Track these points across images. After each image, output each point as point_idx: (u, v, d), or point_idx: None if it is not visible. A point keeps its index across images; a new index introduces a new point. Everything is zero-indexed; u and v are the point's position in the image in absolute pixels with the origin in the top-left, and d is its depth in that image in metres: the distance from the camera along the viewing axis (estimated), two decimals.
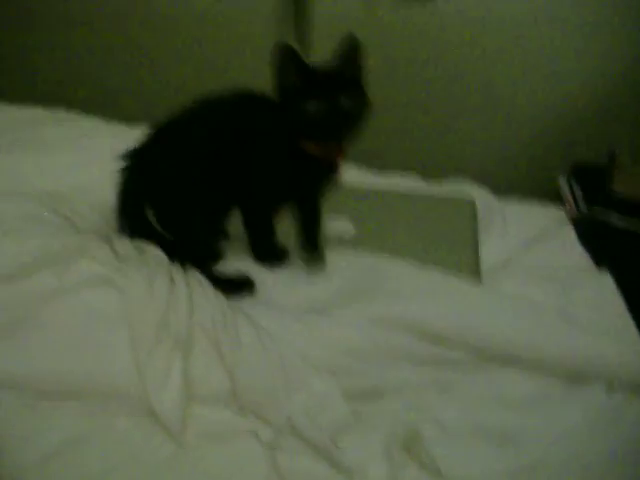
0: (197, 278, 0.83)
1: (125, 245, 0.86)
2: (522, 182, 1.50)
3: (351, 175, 1.19)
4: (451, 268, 0.94)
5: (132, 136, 0.90)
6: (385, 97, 1.29)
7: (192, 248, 0.89)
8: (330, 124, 0.80)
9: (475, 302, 0.85)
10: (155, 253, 0.85)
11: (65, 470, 0.64)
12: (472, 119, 1.48)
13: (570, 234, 1.14)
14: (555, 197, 1.39)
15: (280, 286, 0.88)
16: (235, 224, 0.93)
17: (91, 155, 1.14)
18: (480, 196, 1.22)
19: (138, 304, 0.77)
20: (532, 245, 1.09)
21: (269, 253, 0.93)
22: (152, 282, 0.79)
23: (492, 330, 0.81)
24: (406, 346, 0.79)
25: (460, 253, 1.03)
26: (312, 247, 0.92)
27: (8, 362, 0.73)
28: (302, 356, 0.75)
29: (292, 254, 0.95)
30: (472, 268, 0.99)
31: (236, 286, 0.86)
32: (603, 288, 0.95)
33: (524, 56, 1.43)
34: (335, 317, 0.81)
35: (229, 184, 0.87)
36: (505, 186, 1.31)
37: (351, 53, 0.81)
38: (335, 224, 1.02)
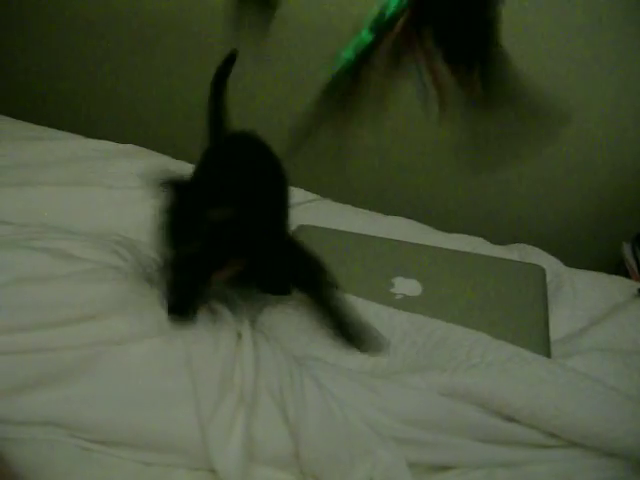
0: (265, 336, 0.82)
1: None
2: (584, 249, 1.47)
3: (418, 234, 1.18)
4: (519, 337, 0.91)
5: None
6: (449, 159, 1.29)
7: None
8: None
9: (547, 380, 0.82)
10: (219, 307, 0.84)
11: None
12: (538, 183, 1.46)
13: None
14: (618, 266, 1.36)
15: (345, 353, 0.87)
16: None
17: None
18: (548, 263, 1.19)
19: (203, 358, 0.76)
20: (602, 319, 1.05)
21: None
22: (218, 337, 0.79)
23: (564, 411, 0.77)
24: (475, 420, 0.77)
25: (529, 322, 0.99)
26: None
27: (65, 407, 0.73)
28: (368, 423, 0.73)
29: None
30: (541, 339, 0.96)
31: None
32: None
33: (596, 123, 1.40)
34: (403, 385, 0.79)
35: None
36: (567, 253, 1.28)
37: None
38: (402, 282, 1.00)
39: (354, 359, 0.85)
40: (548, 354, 0.93)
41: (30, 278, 0.83)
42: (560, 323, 1.03)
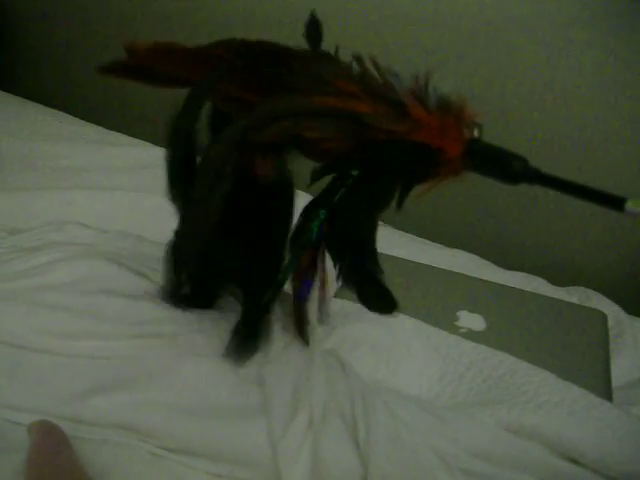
0: (337, 357, 0.82)
1: None
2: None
3: (478, 269, 1.18)
4: (581, 381, 0.90)
5: None
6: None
7: None
8: None
9: (614, 425, 0.82)
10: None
11: None
12: (600, 227, 1.45)
13: None
14: None
15: (412, 377, 0.87)
16: None
17: None
18: (609, 309, 1.18)
19: (274, 376, 0.77)
20: None
21: None
22: (289, 357, 0.81)
23: (630, 458, 0.77)
24: (540, 460, 0.77)
25: (591, 366, 0.99)
26: None
27: (137, 411, 0.74)
28: (436, 452, 0.73)
29: None
30: (603, 385, 0.95)
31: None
32: None
33: None
34: (472, 417, 0.79)
35: None
36: (629, 301, 1.27)
37: None
38: (467, 316, 1.00)
39: (419, 385, 0.85)
40: (610, 400, 0.92)
41: (115, 292, 0.87)
42: (620, 371, 1.02)
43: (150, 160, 1.37)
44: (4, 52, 1.94)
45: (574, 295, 1.25)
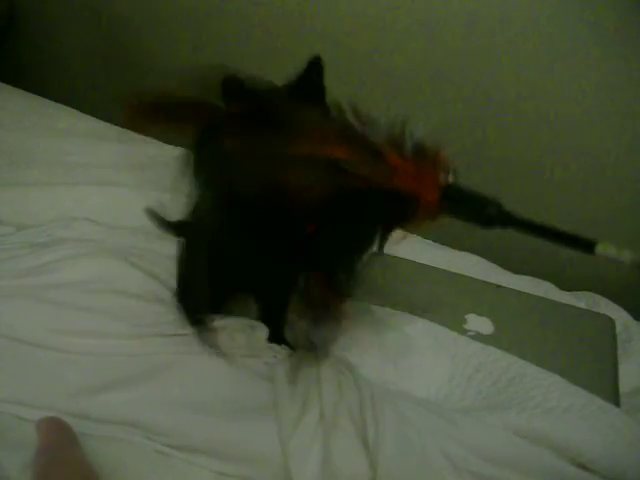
0: (346, 361, 0.82)
1: None
2: None
3: (485, 272, 1.18)
4: (589, 385, 0.90)
5: None
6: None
7: None
8: None
9: (623, 432, 0.81)
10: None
11: None
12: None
13: None
14: None
15: (420, 378, 0.86)
16: None
17: None
18: (617, 314, 1.18)
19: (285, 375, 0.77)
20: None
21: None
22: (299, 357, 0.81)
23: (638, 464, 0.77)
24: (549, 465, 0.77)
25: (598, 371, 0.99)
26: None
27: (143, 408, 0.75)
28: (445, 454, 0.73)
29: None
30: (611, 390, 0.95)
31: None
32: None
33: None
34: (481, 421, 0.78)
35: None
36: (636, 306, 1.26)
37: None
38: (475, 319, 1.00)
39: (428, 387, 0.85)
40: (617, 406, 0.92)
41: (124, 292, 0.88)
42: (627, 377, 1.01)
43: (159, 157, 1.37)
44: (16, 47, 1.94)
45: (582, 300, 1.24)
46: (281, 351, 0.83)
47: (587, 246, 0.55)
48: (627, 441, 0.80)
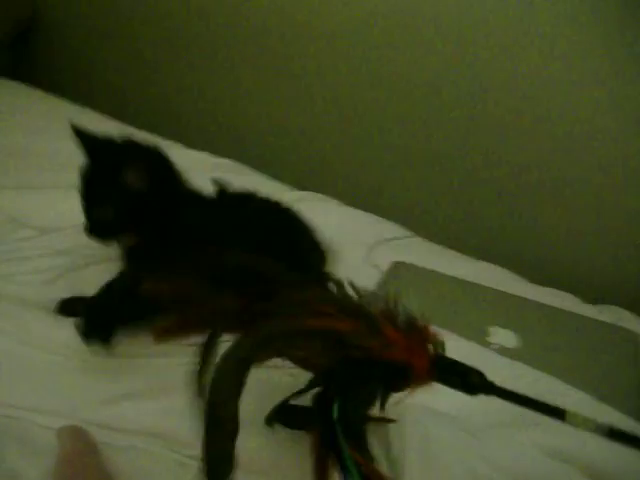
0: None
1: None
2: None
3: (507, 282, 1.17)
4: (613, 401, 0.89)
5: None
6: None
7: None
8: None
9: None
10: None
11: None
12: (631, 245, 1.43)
13: None
14: None
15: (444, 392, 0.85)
16: None
17: None
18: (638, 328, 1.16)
19: None
20: None
21: None
22: None
23: None
24: None
25: (622, 386, 0.97)
26: None
27: (164, 418, 0.74)
28: (468, 470, 0.72)
29: None
30: (635, 406, 0.93)
31: None
32: None
33: None
34: (508, 438, 0.77)
35: None
36: None
37: None
38: (498, 332, 0.98)
39: (452, 402, 0.83)
40: None
41: None
42: None
43: (179, 161, 1.37)
44: (38, 51, 1.95)
45: (604, 313, 1.22)
46: None
47: (558, 414, 0.63)
48: None
